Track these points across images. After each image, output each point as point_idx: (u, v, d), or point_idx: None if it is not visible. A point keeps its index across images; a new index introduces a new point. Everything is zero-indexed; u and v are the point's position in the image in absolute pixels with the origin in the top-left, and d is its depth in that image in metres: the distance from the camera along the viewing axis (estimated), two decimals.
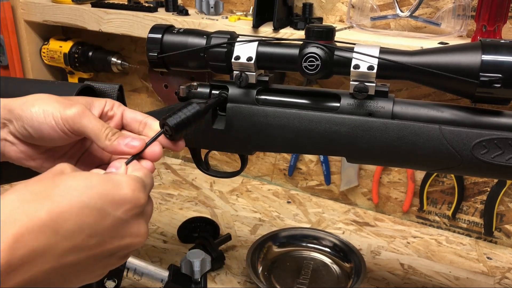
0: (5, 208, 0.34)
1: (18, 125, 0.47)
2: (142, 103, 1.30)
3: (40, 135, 0.47)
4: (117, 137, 0.47)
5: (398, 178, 1.04)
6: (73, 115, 0.46)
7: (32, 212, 0.35)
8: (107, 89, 0.77)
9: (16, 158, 0.49)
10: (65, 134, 0.47)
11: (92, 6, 1.11)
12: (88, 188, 0.38)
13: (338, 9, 0.98)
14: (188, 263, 0.72)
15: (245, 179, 1.20)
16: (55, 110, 0.46)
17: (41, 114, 0.46)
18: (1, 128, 0.48)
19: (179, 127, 0.49)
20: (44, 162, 0.50)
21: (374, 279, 0.85)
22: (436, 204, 1.02)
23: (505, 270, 0.89)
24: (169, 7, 1.06)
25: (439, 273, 0.87)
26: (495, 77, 0.51)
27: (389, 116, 0.58)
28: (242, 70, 0.62)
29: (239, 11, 1.07)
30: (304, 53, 0.58)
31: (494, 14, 0.79)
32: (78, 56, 1.20)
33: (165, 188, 1.15)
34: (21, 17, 1.20)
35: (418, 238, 0.98)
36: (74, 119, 0.46)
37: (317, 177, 1.13)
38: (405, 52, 0.57)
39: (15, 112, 0.47)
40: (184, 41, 0.64)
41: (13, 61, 1.22)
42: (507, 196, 0.94)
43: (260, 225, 1.01)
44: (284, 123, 0.61)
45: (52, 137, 0.47)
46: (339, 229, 1.00)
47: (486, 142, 0.54)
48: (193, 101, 0.52)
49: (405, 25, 0.93)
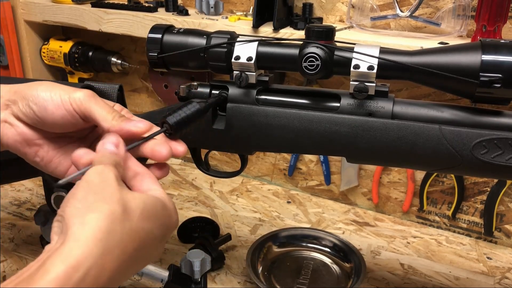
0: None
1: (23, 104, 0.47)
2: (142, 103, 1.30)
3: (44, 114, 0.47)
4: (124, 119, 0.47)
5: (398, 178, 1.04)
6: (81, 96, 0.47)
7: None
8: (107, 89, 0.77)
9: (13, 143, 0.49)
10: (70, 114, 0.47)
11: (92, 6, 1.11)
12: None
13: (338, 9, 0.98)
14: (188, 263, 0.72)
15: (245, 179, 1.20)
16: (62, 91, 0.47)
17: (48, 92, 0.47)
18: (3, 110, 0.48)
19: (179, 125, 0.49)
20: (39, 150, 0.50)
21: (374, 279, 0.85)
22: (436, 204, 1.02)
23: (505, 270, 0.89)
24: (169, 7, 1.06)
25: (439, 273, 0.87)
26: (495, 77, 0.51)
27: (389, 116, 0.58)
28: (242, 70, 0.62)
29: (239, 11, 1.07)
30: (304, 53, 0.58)
31: (494, 14, 0.79)
32: (78, 56, 1.20)
33: (165, 188, 1.15)
34: (21, 17, 1.20)
35: (418, 238, 0.98)
36: (82, 100, 0.47)
37: (317, 177, 1.13)
38: (405, 52, 0.57)
39: (20, 93, 0.48)
40: (184, 41, 0.64)
41: (13, 61, 1.22)
42: (507, 196, 0.94)
43: (260, 225, 1.01)
44: (284, 123, 0.61)
45: (55, 118, 0.47)
46: (339, 229, 1.00)
47: (486, 142, 0.54)
48: (193, 101, 0.52)
49: (405, 25, 0.93)
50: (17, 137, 0.49)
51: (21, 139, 0.49)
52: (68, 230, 0.36)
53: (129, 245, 0.38)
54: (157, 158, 0.47)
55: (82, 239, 0.35)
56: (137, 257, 0.40)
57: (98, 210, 0.37)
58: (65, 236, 0.35)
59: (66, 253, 0.34)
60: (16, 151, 0.50)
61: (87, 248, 0.34)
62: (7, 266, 0.84)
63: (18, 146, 0.49)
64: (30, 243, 0.92)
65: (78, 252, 0.34)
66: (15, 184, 1.13)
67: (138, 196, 0.41)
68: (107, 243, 0.36)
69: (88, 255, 0.34)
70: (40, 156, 0.50)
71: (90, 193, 0.38)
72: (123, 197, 0.39)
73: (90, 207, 0.37)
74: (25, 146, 0.49)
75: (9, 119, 0.48)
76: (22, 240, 0.92)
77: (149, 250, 0.41)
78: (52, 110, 0.47)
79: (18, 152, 0.50)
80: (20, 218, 1.00)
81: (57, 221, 0.38)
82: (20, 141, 0.49)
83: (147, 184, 0.45)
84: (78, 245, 0.34)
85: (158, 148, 0.47)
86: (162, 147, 0.47)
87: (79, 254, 0.34)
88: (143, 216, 0.40)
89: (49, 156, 0.50)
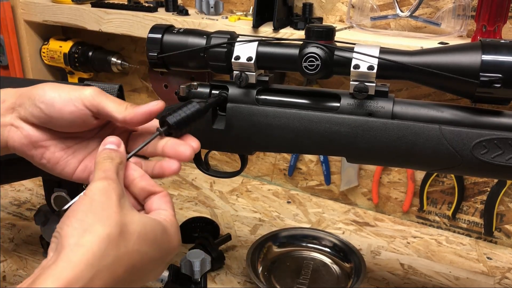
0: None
1: (29, 104, 0.47)
2: (142, 103, 1.29)
3: (52, 110, 0.47)
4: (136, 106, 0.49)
5: (398, 178, 1.04)
6: (92, 92, 0.48)
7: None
8: (107, 89, 0.77)
9: (19, 145, 0.49)
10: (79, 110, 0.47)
11: (92, 6, 1.11)
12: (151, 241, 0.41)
13: (338, 9, 0.98)
14: (188, 263, 0.72)
15: (245, 179, 1.20)
16: (70, 89, 0.48)
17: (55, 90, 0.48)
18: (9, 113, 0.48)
19: (179, 125, 0.49)
20: (46, 151, 0.50)
21: (374, 279, 0.85)
22: (436, 204, 1.02)
23: (505, 270, 0.89)
24: (169, 7, 1.06)
25: (439, 273, 0.87)
26: (495, 77, 0.51)
27: (389, 116, 0.58)
28: (242, 70, 0.62)
29: (239, 11, 1.07)
30: (304, 53, 0.58)
31: (494, 14, 0.79)
32: (78, 56, 1.20)
33: (165, 188, 1.14)
34: (21, 17, 1.20)
35: (418, 238, 0.98)
36: (94, 95, 0.47)
37: (317, 177, 1.13)
38: (405, 52, 0.57)
39: (25, 94, 0.48)
40: (184, 41, 0.64)
41: (13, 61, 1.22)
42: (507, 196, 0.94)
43: (260, 225, 1.01)
44: (284, 123, 0.61)
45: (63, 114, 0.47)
46: (339, 229, 1.00)
47: (486, 142, 0.54)
48: (193, 101, 0.52)
49: (405, 25, 0.93)
50: (23, 140, 0.49)
51: (27, 142, 0.49)
52: (62, 250, 0.36)
53: (120, 269, 0.38)
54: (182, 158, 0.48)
55: (75, 261, 0.36)
56: (130, 279, 0.40)
57: (95, 232, 0.37)
58: (59, 255, 0.36)
59: (58, 273, 0.35)
60: (23, 154, 0.50)
61: (78, 271, 0.35)
62: (7, 266, 0.84)
63: (24, 149, 0.49)
64: (30, 243, 0.92)
65: (70, 275, 0.35)
66: (15, 184, 1.13)
67: (138, 219, 0.41)
68: (99, 267, 0.36)
69: (79, 278, 0.35)
70: (47, 157, 0.50)
71: (90, 212, 0.39)
72: (122, 219, 0.39)
73: (87, 228, 0.37)
74: (31, 149, 0.49)
75: (16, 123, 0.49)
76: (22, 240, 0.92)
77: (145, 272, 0.42)
78: (60, 106, 0.47)
79: (25, 155, 0.50)
80: (20, 218, 1.00)
81: (55, 237, 0.38)
82: (27, 144, 0.49)
83: (157, 204, 0.46)
84: (70, 267, 0.35)
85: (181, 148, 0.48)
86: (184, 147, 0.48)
87: (70, 276, 0.35)
88: (140, 240, 0.40)
89: (56, 158, 0.50)
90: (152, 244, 0.41)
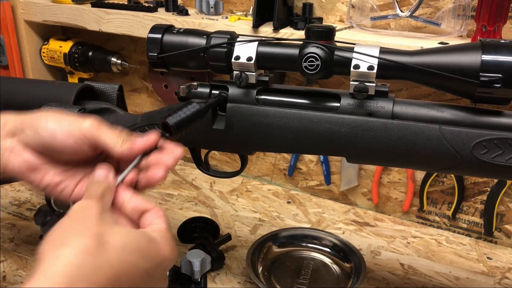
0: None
1: (31, 131, 0.49)
2: (142, 103, 1.30)
3: (53, 142, 0.48)
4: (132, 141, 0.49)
5: (398, 178, 1.04)
6: (90, 125, 0.49)
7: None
8: (107, 89, 0.78)
9: (19, 170, 0.50)
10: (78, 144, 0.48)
11: (92, 6, 1.11)
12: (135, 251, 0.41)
13: (338, 9, 0.98)
14: (188, 263, 0.72)
15: (245, 179, 1.20)
16: (70, 123, 0.49)
17: (56, 123, 0.49)
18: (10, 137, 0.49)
19: (179, 126, 0.49)
20: (45, 175, 0.50)
21: (374, 279, 0.85)
22: (436, 204, 1.02)
23: (505, 270, 0.89)
24: (169, 7, 1.06)
25: (439, 273, 0.87)
26: (495, 77, 0.51)
27: (389, 116, 0.58)
28: (242, 70, 0.62)
29: (239, 11, 1.07)
30: (304, 53, 0.58)
31: (494, 14, 0.79)
32: (78, 56, 1.20)
33: (165, 188, 1.15)
34: (21, 17, 1.20)
35: (418, 238, 0.98)
36: (92, 129, 0.48)
37: (317, 177, 1.13)
38: (405, 52, 0.57)
39: (27, 121, 0.49)
40: (184, 41, 0.64)
41: (13, 61, 1.22)
42: (507, 196, 0.94)
43: (260, 225, 1.01)
44: (284, 123, 0.61)
45: (64, 146, 0.48)
46: (339, 229, 1.00)
47: (486, 142, 0.54)
48: (193, 101, 0.52)
49: (405, 25, 0.93)
50: (23, 164, 0.49)
51: (27, 166, 0.50)
52: (40, 265, 0.37)
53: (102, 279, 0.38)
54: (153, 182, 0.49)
55: (49, 275, 0.36)
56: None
57: (71, 244, 0.38)
58: (37, 270, 0.37)
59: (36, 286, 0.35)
60: (23, 178, 0.51)
61: (55, 283, 0.35)
62: (7, 266, 0.84)
63: (24, 174, 0.50)
64: (30, 243, 0.92)
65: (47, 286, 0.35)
66: (15, 184, 1.13)
67: (119, 229, 0.42)
68: (77, 277, 0.37)
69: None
70: (47, 181, 0.51)
71: (68, 227, 0.40)
72: (101, 231, 0.40)
73: (64, 242, 0.38)
74: (31, 173, 0.50)
75: (16, 147, 0.49)
76: (22, 240, 0.92)
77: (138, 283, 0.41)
78: (61, 138, 0.48)
79: (24, 179, 0.51)
80: (20, 218, 1.00)
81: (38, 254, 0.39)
82: (26, 168, 0.50)
83: (150, 219, 0.46)
84: (48, 279, 0.36)
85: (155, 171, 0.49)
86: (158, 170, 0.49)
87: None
88: (122, 249, 0.40)
89: (55, 181, 0.51)
90: (137, 254, 0.41)
